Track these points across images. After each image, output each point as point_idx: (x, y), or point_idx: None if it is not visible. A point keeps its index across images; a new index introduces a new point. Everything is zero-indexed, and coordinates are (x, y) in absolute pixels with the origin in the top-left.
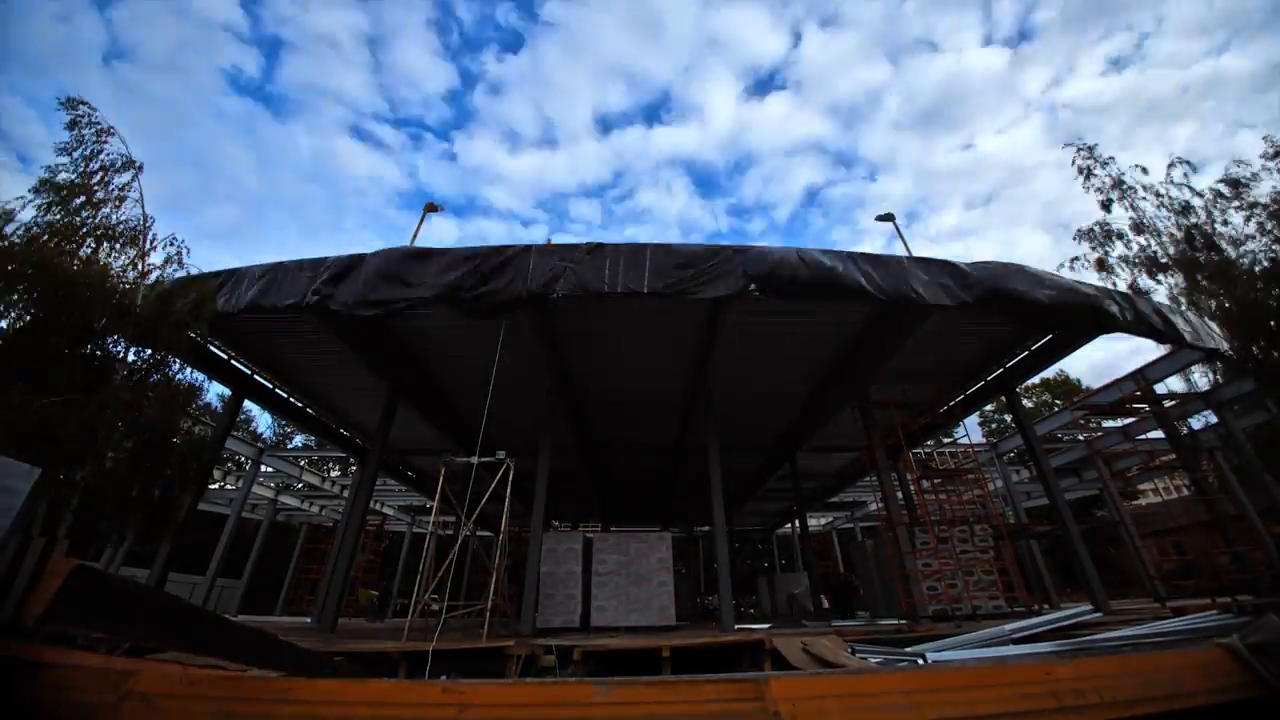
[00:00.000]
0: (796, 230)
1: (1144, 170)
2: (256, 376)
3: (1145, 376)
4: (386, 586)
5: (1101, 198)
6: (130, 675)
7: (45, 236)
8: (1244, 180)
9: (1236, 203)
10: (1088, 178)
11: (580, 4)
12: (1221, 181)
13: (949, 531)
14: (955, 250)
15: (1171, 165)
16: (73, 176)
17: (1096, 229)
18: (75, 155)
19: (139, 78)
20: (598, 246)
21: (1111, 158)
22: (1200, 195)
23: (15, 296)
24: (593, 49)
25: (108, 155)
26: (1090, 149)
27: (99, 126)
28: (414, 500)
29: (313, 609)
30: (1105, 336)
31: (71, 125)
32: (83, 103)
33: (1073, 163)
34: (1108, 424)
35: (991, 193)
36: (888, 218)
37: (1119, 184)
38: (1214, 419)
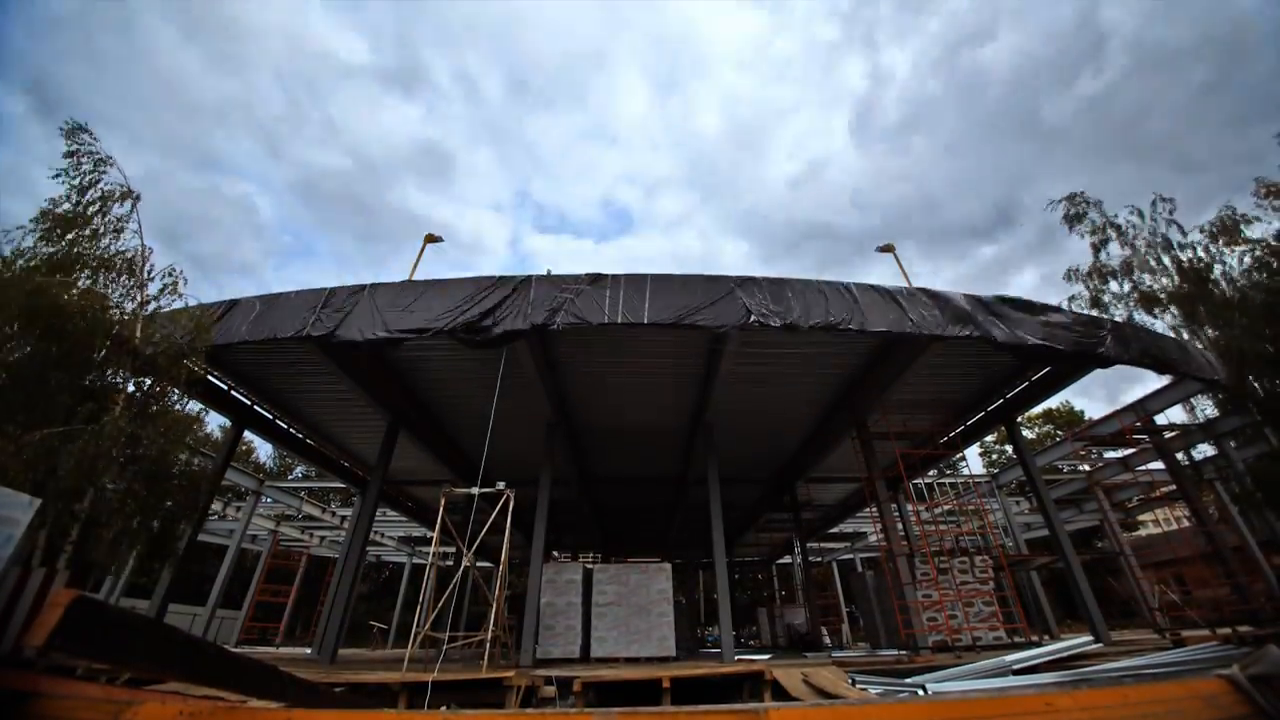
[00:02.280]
0: None
1: (1140, 214)
2: (256, 407)
3: (1145, 408)
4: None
5: (1094, 239)
6: (130, 706)
7: (43, 268)
8: (1240, 220)
9: (1240, 247)
10: (1077, 222)
11: None
12: (1214, 222)
13: (949, 562)
14: None
15: (1154, 203)
16: (71, 206)
17: (1091, 271)
18: (74, 184)
19: None
20: (598, 276)
21: (1099, 201)
22: (1195, 232)
23: (10, 330)
24: None
25: (106, 184)
26: (1079, 197)
27: (98, 156)
28: (414, 531)
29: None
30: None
31: (70, 155)
32: (84, 130)
33: (1065, 215)
34: (1108, 454)
35: None
36: (888, 248)
37: (1109, 225)
38: (1213, 450)
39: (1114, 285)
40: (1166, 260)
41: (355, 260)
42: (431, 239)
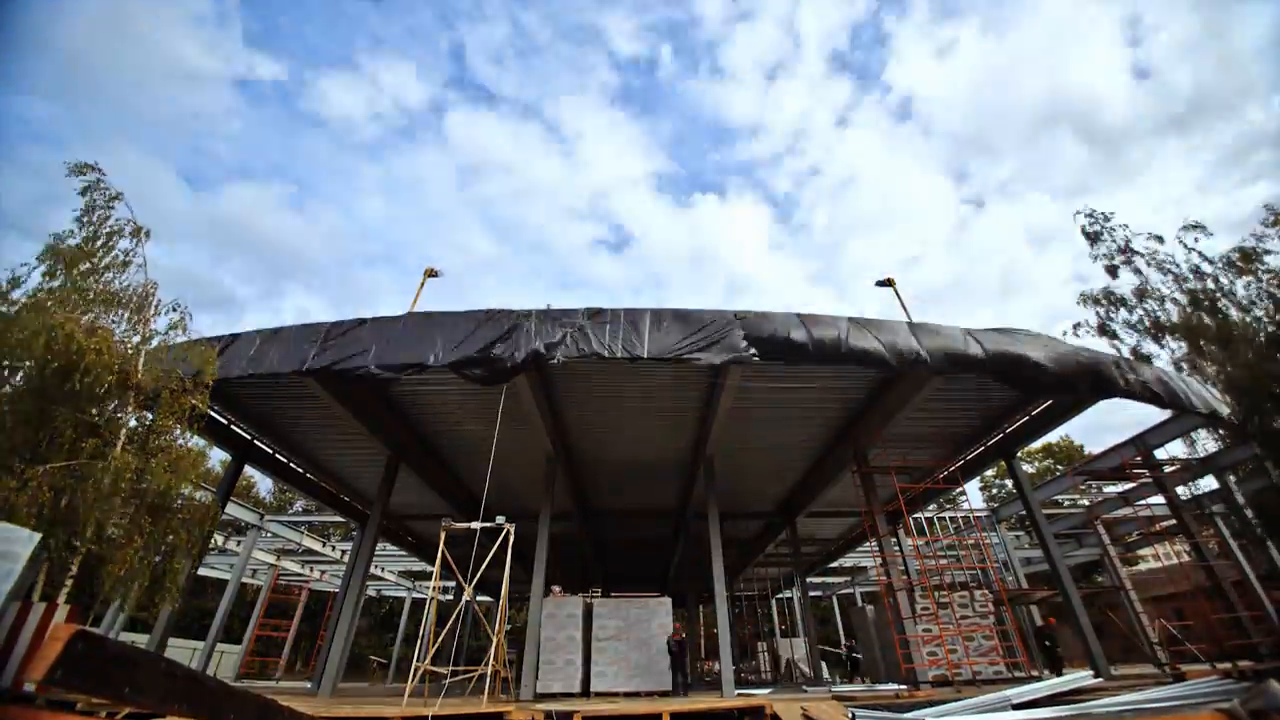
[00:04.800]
0: None
1: (1159, 239)
2: (257, 442)
3: (1145, 442)
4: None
5: (1108, 263)
6: None
7: (49, 303)
8: (1258, 251)
9: (1248, 277)
10: (1094, 243)
11: None
12: (1235, 250)
13: (949, 597)
14: None
15: (1185, 229)
16: (78, 242)
17: (1100, 296)
18: (84, 221)
19: None
20: (597, 311)
21: (1125, 225)
22: (1211, 262)
23: (22, 365)
24: None
25: (114, 221)
26: (1099, 215)
27: (108, 193)
28: (414, 565)
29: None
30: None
31: (84, 192)
32: (92, 168)
33: (1083, 230)
34: (1108, 489)
35: None
36: (888, 283)
37: (1127, 248)
38: (1215, 484)
39: (1124, 312)
40: (1179, 292)
41: None
42: (431, 273)
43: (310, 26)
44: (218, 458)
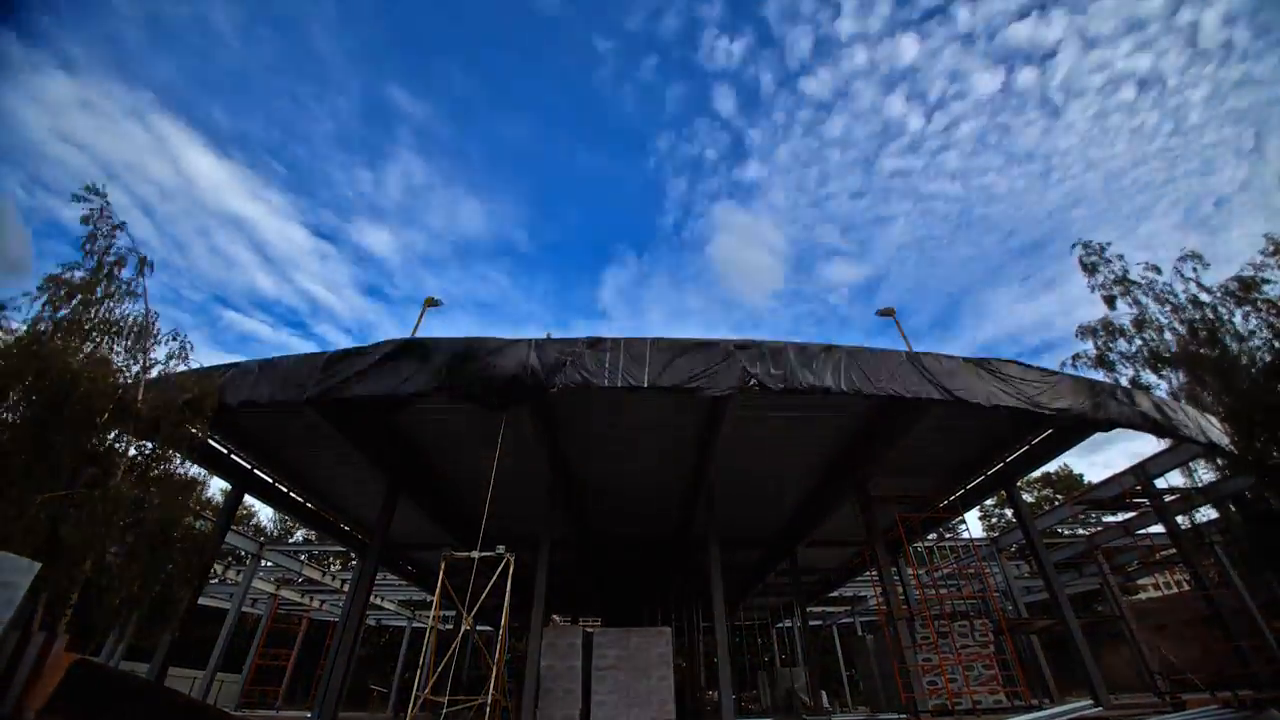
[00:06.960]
0: None
1: (1156, 270)
2: (257, 471)
3: (1145, 471)
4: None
5: (1105, 293)
6: None
7: (49, 331)
8: (1256, 280)
9: (1247, 306)
10: (1092, 274)
11: None
12: (1233, 280)
13: (949, 626)
14: None
15: (1182, 259)
16: (82, 273)
17: (1098, 326)
18: (88, 249)
19: None
20: (597, 340)
21: (1121, 255)
22: (1210, 292)
23: (14, 396)
24: None
25: (116, 249)
26: (1096, 246)
27: (111, 221)
28: (414, 595)
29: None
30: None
31: (85, 220)
32: (98, 193)
33: (1080, 261)
34: (1108, 518)
35: None
36: (888, 313)
37: (1123, 280)
38: (1214, 513)
39: (1122, 343)
40: (1176, 322)
41: None
42: (431, 302)
43: None
44: (217, 486)
